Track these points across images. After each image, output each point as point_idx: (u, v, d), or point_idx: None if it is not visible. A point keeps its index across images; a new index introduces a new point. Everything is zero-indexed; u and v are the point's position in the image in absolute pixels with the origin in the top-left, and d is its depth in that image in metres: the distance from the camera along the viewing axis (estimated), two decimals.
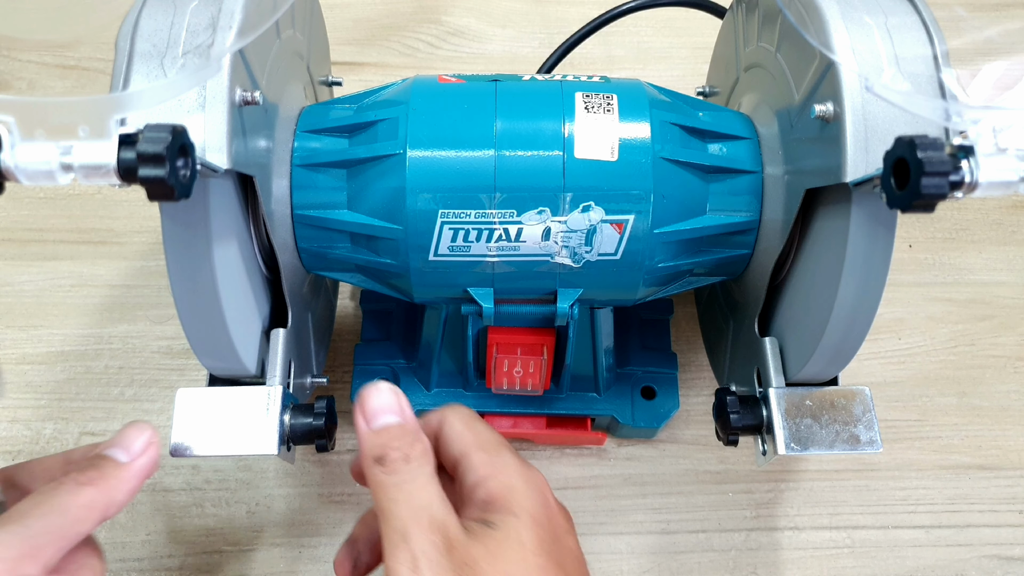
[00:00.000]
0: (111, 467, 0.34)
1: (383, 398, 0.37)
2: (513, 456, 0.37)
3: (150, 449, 0.35)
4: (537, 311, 0.44)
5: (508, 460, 0.36)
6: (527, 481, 0.36)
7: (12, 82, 0.67)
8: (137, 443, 0.34)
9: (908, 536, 0.52)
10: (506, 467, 0.36)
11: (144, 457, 0.34)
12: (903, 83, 0.34)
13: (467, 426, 0.37)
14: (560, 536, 0.36)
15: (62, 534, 0.31)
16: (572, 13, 0.73)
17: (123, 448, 0.34)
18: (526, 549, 0.33)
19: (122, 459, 0.34)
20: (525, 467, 0.37)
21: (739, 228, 0.42)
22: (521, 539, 0.34)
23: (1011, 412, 0.56)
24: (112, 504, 0.33)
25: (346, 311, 0.59)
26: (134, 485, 0.34)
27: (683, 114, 0.42)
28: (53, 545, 0.31)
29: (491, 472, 0.36)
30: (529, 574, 0.33)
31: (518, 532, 0.34)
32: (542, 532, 0.34)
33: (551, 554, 0.34)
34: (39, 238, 0.61)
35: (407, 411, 0.37)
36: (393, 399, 0.37)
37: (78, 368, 0.56)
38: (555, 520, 0.36)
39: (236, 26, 0.34)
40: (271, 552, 0.51)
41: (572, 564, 0.36)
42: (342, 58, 0.70)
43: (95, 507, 0.33)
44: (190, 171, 0.29)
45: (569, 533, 0.37)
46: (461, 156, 0.39)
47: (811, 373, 0.40)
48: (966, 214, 0.64)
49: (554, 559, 0.34)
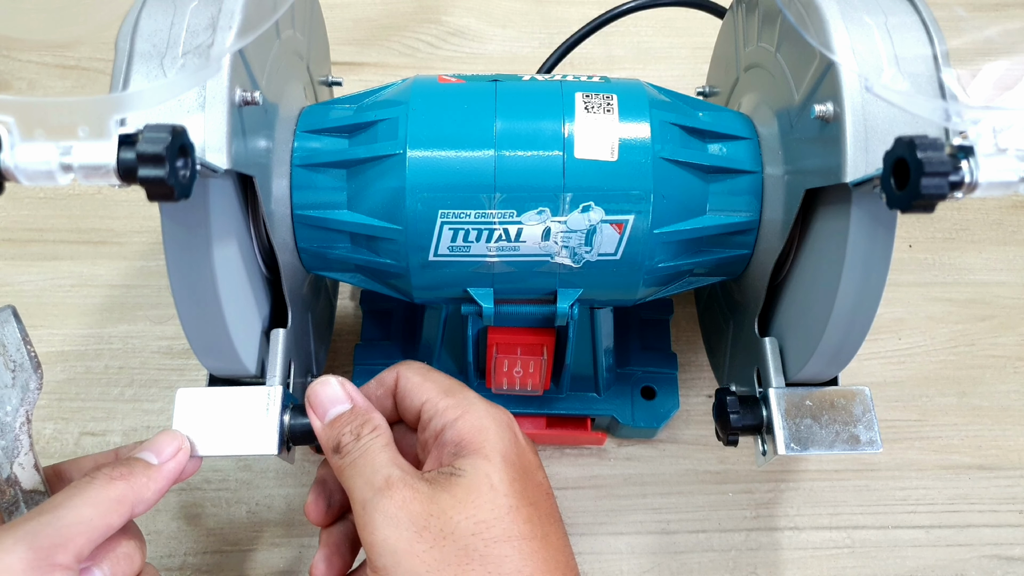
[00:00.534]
0: (142, 467, 0.35)
1: (329, 391, 0.38)
2: (477, 396, 0.38)
3: (179, 455, 0.37)
4: (537, 311, 0.44)
5: (473, 400, 0.37)
6: (496, 420, 0.37)
7: (12, 82, 0.67)
8: (168, 448, 0.36)
9: (908, 536, 0.52)
10: (473, 407, 0.37)
11: (173, 462, 0.36)
12: (903, 83, 0.34)
13: (424, 376, 0.39)
14: (531, 471, 0.37)
15: (92, 525, 0.33)
16: (572, 13, 0.73)
17: (155, 452, 0.36)
18: (496, 491, 0.34)
19: (153, 461, 0.36)
20: (491, 406, 0.38)
21: (739, 228, 0.42)
22: (492, 482, 0.34)
23: (1011, 412, 0.56)
24: (140, 501, 0.35)
25: (346, 311, 0.59)
26: (162, 486, 0.36)
27: (683, 114, 0.42)
28: (84, 536, 0.33)
29: (459, 414, 0.37)
30: (499, 514, 0.34)
31: (488, 475, 0.35)
32: (512, 471, 0.35)
33: (523, 493, 0.35)
34: (39, 238, 0.62)
35: (355, 396, 0.38)
36: (339, 390, 0.38)
37: (78, 368, 0.56)
38: (525, 457, 0.37)
39: (236, 26, 0.33)
40: (271, 552, 0.51)
41: (542, 499, 0.37)
42: (342, 58, 0.70)
43: (124, 501, 0.34)
44: (190, 171, 0.29)
45: (539, 468, 0.38)
46: (461, 156, 0.39)
47: (811, 373, 0.40)
48: (966, 214, 0.64)
49: (526, 497, 0.35)
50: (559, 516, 0.37)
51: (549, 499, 0.37)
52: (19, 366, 0.37)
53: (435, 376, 0.39)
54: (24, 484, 0.37)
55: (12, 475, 0.36)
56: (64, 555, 0.32)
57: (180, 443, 0.37)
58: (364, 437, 0.36)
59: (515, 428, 0.38)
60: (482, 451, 0.35)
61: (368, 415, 0.37)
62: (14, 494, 0.36)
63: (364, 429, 0.36)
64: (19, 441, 0.37)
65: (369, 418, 0.37)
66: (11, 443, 0.36)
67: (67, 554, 0.32)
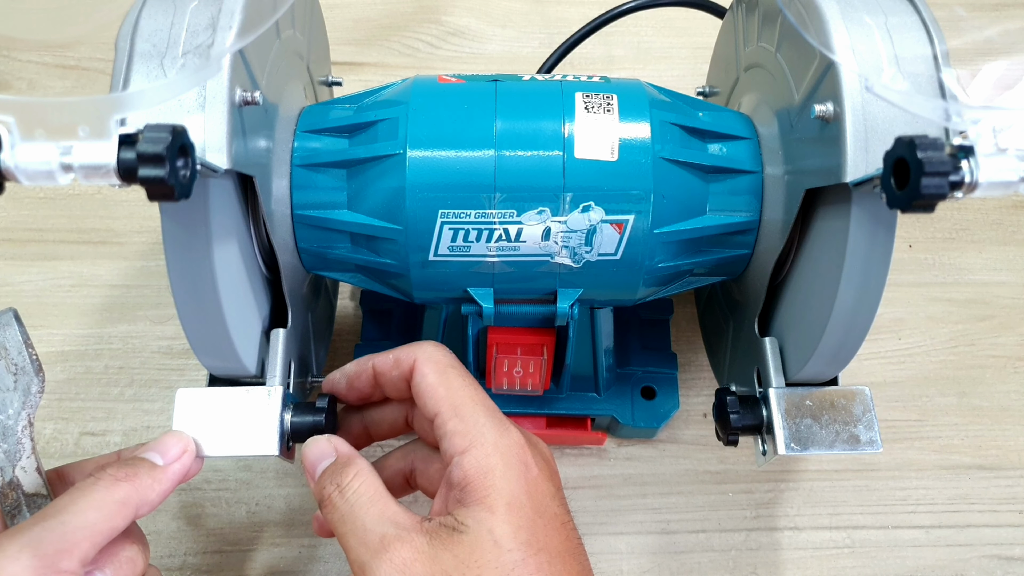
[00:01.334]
0: (146, 468, 0.35)
1: (316, 449, 0.37)
2: (489, 420, 0.36)
3: (184, 456, 0.36)
4: (537, 311, 0.44)
5: (483, 427, 0.35)
6: (504, 456, 0.35)
7: (12, 82, 0.67)
8: (173, 449, 0.36)
9: (908, 536, 0.52)
10: (481, 438, 0.35)
11: (178, 463, 0.36)
12: (903, 83, 0.34)
13: (440, 377, 0.37)
14: (542, 506, 0.35)
15: (97, 529, 0.32)
16: (572, 13, 0.73)
17: (160, 453, 0.36)
18: (500, 547, 0.33)
19: (158, 462, 0.35)
20: (501, 433, 0.35)
21: (739, 228, 0.42)
22: (495, 537, 0.33)
23: (1011, 412, 0.56)
24: (145, 502, 0.34)
25: (346, 311, 0.59)
26: (167, 487, 0.35)
27: (683, 114, 0.42)
28: (88, 540, 0.32)
29: (466, 446, 0.35)
30: (504, 572, 0.32)
31: (491, 530, 0.33)
32: (519, 517, 0.34)
33: (530, 541, 0.33)
34: (39, 238, 0.61)
35: (340, 447, 0.37)
36: (326, 445, 0.37)
37: (78, 368, 0.56)
38: (536, 492, 0.35)
39: (236, 26, 0.33)
40: (271, 552, 0.51)
41: (555, 536, 0.35)
42: (342, 58, 0.70)
43: (129, 503, 0.34)
44: (190, 171, 0.29)
45: (553, 497, 0.36)
46: (461, 156, 0.39)
47: (811, 373, 0.40)
48: (966, 214, 0.64)
49: (534, 544, 0.33)
50: (576, 542, 0.36)
51: (564, 531, 0.35)
52: (21, 369, 0.37)
53: (452, 379, 0.37)
54: (26, 488, 0.37)
55: (15, 478, 0.36)
56: (69, 561, 0.31)
57: (186, 444, 0.36)
58: (348, 488, 0.35)
59: (526, 457, 0.35)
60: (486, 501, 0.33)
61: (349, 461, 0.36)
62: (16, 497, 0.36)
63: (345, 478, 0.35)
64: (21, 444, 0.36)
65: (351, 463, 0.36)
66: (13, 447, 0.36)
67: (72, 560, 0.31)
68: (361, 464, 0.36)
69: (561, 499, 0.36)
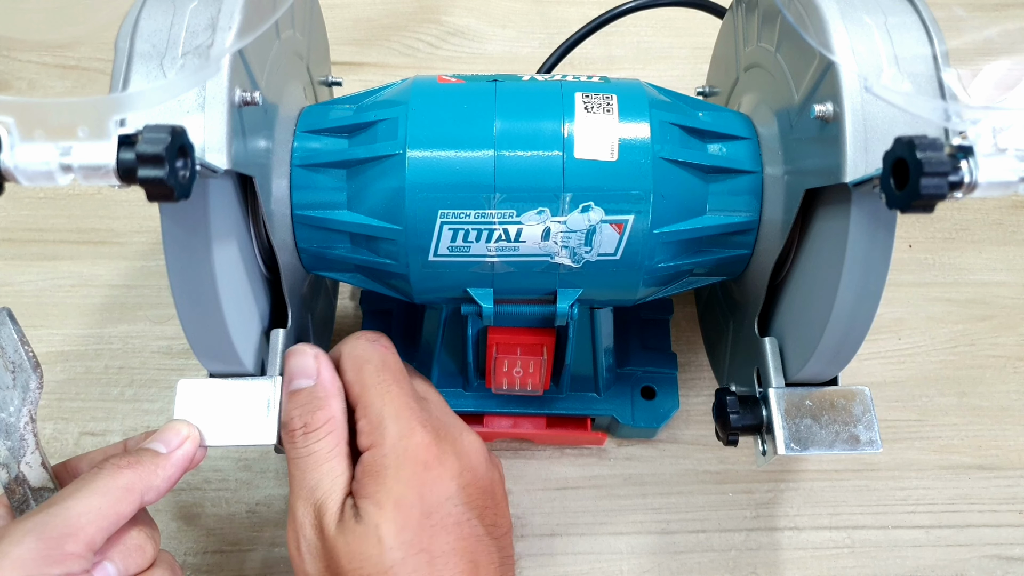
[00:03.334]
0: (149, 455, 0.36)
1: (300, 362, 0.38)
2: (394, 420, 0.37)
3: (187, 443, 0.37)
4: (537, 311, 0.44)
5: (384, 429, 0.36)
6: (399, 458, 0.36)
7: (12, 82, 0.67)
8: (176, 437, 0.37)
9: (908, 536, 0.52)
10: (381, 439, 0.36)
11: (181, 450, 0.36)
12: (903, 83, 0.34)
13: (355, 375, 0.38)
14: (434, 509, 0.36)
15: (102, 514, 0.33)
16: (572, 13, 0.73)
17: (163, 442, 0.36)
18: (383, 545, 0.34)
19: (162, 450, 0.36)
20: (402, 434, 0.36)
21: (739, 228, 0.42)
22: (379, 534, 0.34)
23: (1011, 412, 0.56)
24: (150, 489, 0.35)
25: (346, 311, 0.59)
26: (171, 473, 0.36)
27: (683, 114, 0.42)
28: (94, 524, 0.33)
29: (368, 444, 0.36)
30: (382, 569, 0.34)
31: (377, 527, 0.34)
32: (405, 518, 0.35)
33: (412, 542, 0.34)
34: (39, 238, 0.62)
35: (324, 373, 0.38)
36: (311, 364, 0.38)
37: (78, 368, 0.56)
38: (431, 493, 0.36)
39: (236, 26, 0.33)
40: (271, 552, 0.51)
41: (442, 536, 0.35)
42: (342, 58, 0.70)
43: (133, 489, 0.34)
44: (189, 172, 0.29)
45: (451, 498, 0.36)
46: (461, 156, 0.39)
47: (811, 373, 0.40)
48: (966, 214, 0.64)
49: (415, 545, 0.34)
50: (472, 542, 0.36)
51: (456, 531, 0.36)
52: (18, 367, 0.37)
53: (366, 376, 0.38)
54: (32, 482, 0.37)
55: (20, 474, 0.37)
56: (74, 544, 0.32)
57: (189, 431, 0.37)
58: (312, 432, 0.36)
59: (427, 458, 0.36)
60: (376, 497, 0.35)
61: (326, 400, 0.37)
62: (23, 492, 0.37)
63: (315, 419, 0.36)
64: (25, 441, 0.37)
65: (325, 404, 0.37)
66: (17, 443, 0.37)
67: (77, 543, 0.32)
68: (334, 408, 0.37)
69: (467, 500, 0.37)
